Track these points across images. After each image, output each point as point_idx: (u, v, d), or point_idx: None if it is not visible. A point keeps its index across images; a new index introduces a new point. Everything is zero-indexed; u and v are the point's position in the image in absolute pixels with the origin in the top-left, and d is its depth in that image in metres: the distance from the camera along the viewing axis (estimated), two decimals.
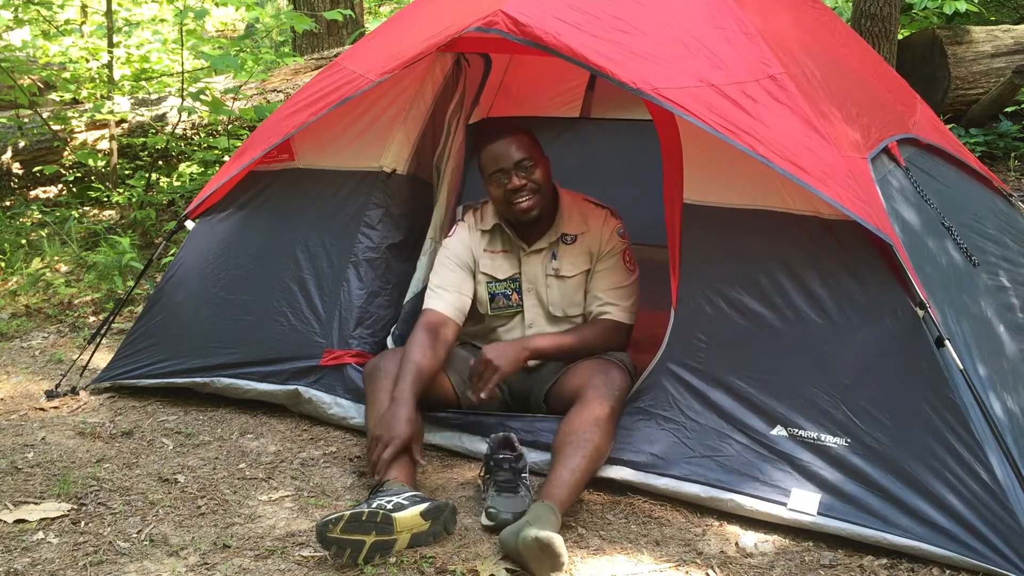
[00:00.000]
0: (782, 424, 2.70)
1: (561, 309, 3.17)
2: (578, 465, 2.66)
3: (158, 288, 3.73)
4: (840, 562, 2.54)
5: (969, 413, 2.50)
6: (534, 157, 3.07)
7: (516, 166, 3.03)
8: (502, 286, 3.20)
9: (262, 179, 3.59)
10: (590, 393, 2.81)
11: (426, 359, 2.97)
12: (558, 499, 2.59)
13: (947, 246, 3.01)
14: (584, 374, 2.92)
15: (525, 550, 2.40)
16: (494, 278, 3.20)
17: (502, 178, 3.05)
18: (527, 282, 3.18)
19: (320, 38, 7.81)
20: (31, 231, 5.75)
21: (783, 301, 2.74)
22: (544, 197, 3.10)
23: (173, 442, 3.27)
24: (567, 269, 3.16)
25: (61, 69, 6.10)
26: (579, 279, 3.17)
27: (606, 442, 2.76)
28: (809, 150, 2.65)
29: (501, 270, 3.20)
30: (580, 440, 2.70)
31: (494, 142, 3.08)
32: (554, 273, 3.16)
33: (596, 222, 3.19)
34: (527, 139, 3.10)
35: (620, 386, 2.87)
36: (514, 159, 3.03)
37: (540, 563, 2.40)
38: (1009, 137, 6.16)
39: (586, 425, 2.73)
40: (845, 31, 3.88)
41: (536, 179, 3.06)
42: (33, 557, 2.54)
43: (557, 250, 3.17)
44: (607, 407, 2.78)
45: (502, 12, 2.92)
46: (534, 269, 3.18)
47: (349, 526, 2.46)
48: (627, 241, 3.19)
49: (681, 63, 2.82)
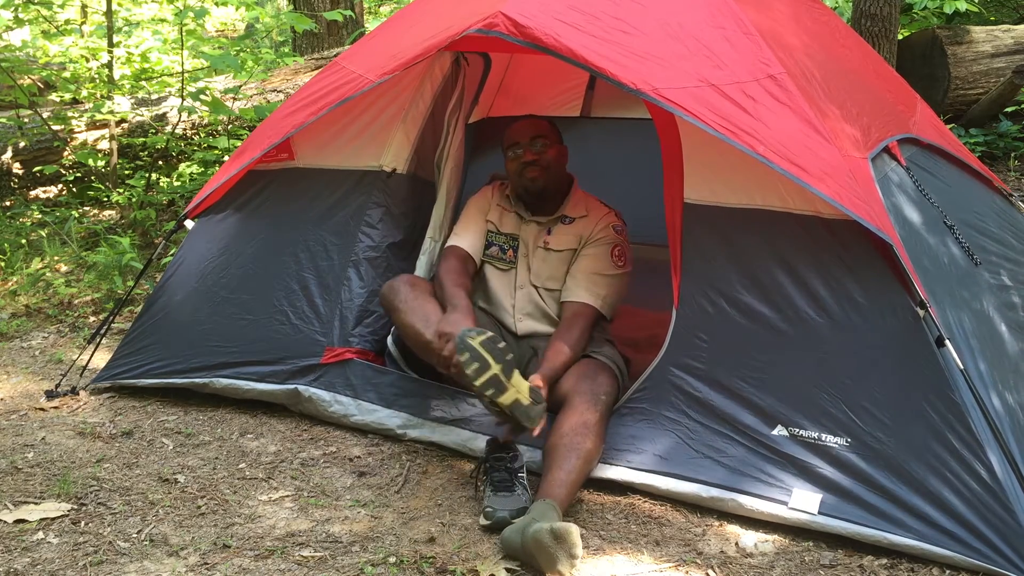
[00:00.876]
0: (783, 424, 2.70)
1: (541, 280, 3.30)
2: (573, 466, 2.69)
3: (157, 288, 3.73)
4: (840, 562, 2.54)
5: (969, 412, 2.50)
6: (549, 138, 3.32)
7: (532, 140, 3.28)
8: (501, 239, 3.38)
9: (262, 178, 3.59)
10: (577, 399, 2.84)
11: (462, 280, 3.19)
12: (558, 498, 2.61)
13: (948, 244, 3.01)
14: (571, 379, 2.95)
15: (535, 544, 2.39)
16: (497, 229, 3.39)
17: (518, 150, 3.29)
18: (523, 246, 3.35)
19: (320, 38, 7.81)
20: (31, 231, 5.75)
21: (784, 301, 2.75)
22: (551, 175, 3.31)
23: (173, 442, 3.27)
24: (556, 244, 3.31)
25: (61, 69, 6.10)
26: (565, 255, 3.29)
27: (597, 446, 2.79)
28: (809, 150, 2.65)
29: (505, 225, 3.39)
30: (572, 444, 2.73)
31: (517, 122, 3.37)
32: (543, 245, 3.31)
33: (596, 214, 3.34)
34: (546, 123, 3.39)
35: (607, 390, 2.90)
36: (531, 134, 3.30)
37: (551, 556, 2.38)
38: (1009, 137, 6.15)
39: (576, 429, 2.76)
40: (845, 31, 3.88)
41: (548, 157, 3.29)
42: (33, 557, 2.54)
43: (554, 227, 3.34)
44: (595, 413, 2.81)
45: (502, 14, 2.92)
46: (530, 237, 3.35)
47: (488, 344, 2.66)
48: (621, 238, 3.29)
49: (681, 63, 2.82)
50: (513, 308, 3.31)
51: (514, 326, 3.30)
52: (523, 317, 3.30)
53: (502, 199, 3.44)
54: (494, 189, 3.50)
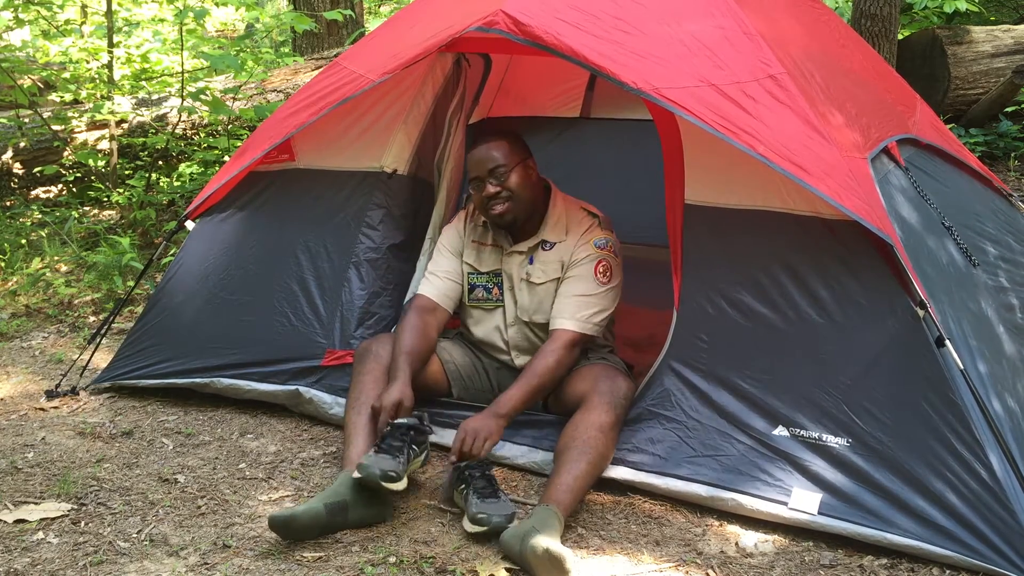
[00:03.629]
0: (783, 424, 2.70)
1: (528, 314, 3.17)
2: (582, 471, 2.68)
3: (158, 288, 3.73)
4: (840, 562, 2.54)
5: (969, 413, 2.50)
6: (509, 164, 3.04)
7: (490, 173, 3.04)
8: (483, 279, 3.22)
9: (262, 179, 3.58)
10: (596, 399, 2.81)
11: (418, 341, 3.04)
12: (562, 504, 2.60)
13: (947, 246, 3.01)
14: (589, 380, 2.92)
15: (533, 559, 2.40)
16: (476, 270, 3.23)
17: (479, 184, 3.08)
18: (507, 279, 3.20)
19: (320, 38, 7.81)
20: (31, 231, 5.75)
21: (784, 301, 2.75)
22: (520, 203, 3.07)
23: (173, 442, 3.27)
24: (537, 276, 3.14)
25: (61, 69, 6.10)
26: (548, 287, 3.13)
27: (609, 449, 2.78)
28: (809, 150, 2.65)
29: (485, 263, 3.22)
30: (584, 446, 2.71)
31: (474, 148, 3.12)
32: (526, 278, 3.16)
33: (576, 232, 3.14)
34: (505, 145, 3.07)
35: (625, 394, 2.88)
36: (487, 167, 3.04)
37: (547, 572, 2.40)
38: (1009, 137, 6.15)
39: (591, 431, 2.74)
40: (845, 31, 3.88)
41: (510, 186, 3.04)
42: (33, 557, 2.54)
43: (535, 255, 3.16)
44: (612, 415, 2.79)
45: (503, 12, 2.92)
46: (512, 269, 3.19)
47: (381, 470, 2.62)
48: (606, 251, 3.09)
49: (681, 63, 2.82)
50: (507, 345, 3.23)
51: (511, 362, 3.23)
52: (518, 353, 3.22)
53: (475, 233, 3.25)
54: (466, 219, 3.28)
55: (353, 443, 2.86)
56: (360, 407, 2.93)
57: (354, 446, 2.84)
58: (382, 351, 3.05)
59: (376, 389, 2.95)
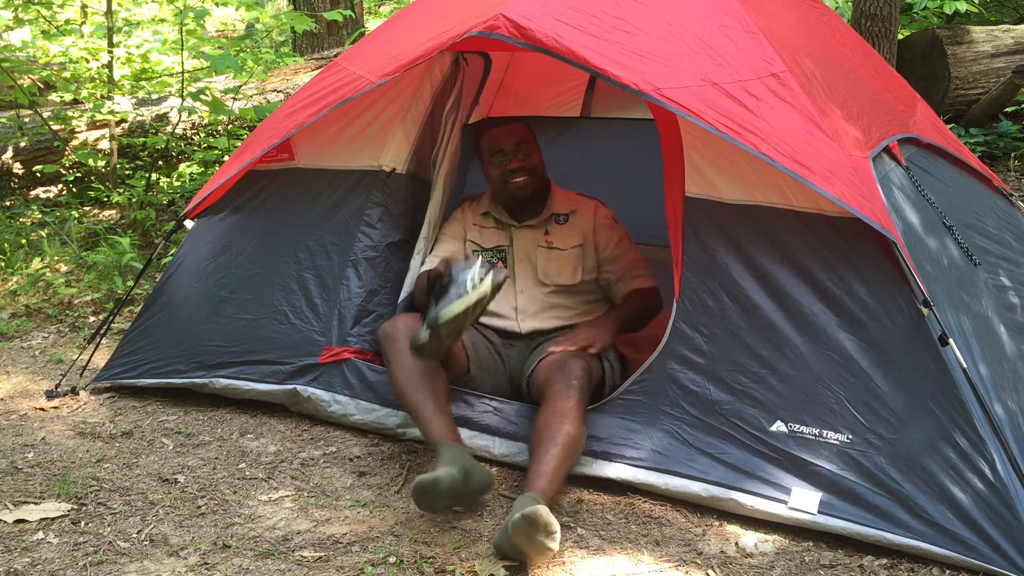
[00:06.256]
0: (783, 420, 2.70)
1: (550, 278, 3.36)
2: (553, 455, 2.71)
3: (157, 287, 3.72)
4: (840, 562, 2.54)
5: (973, 411, 2.50)
6: (531, 143, 3.37)
7: (516, 148, 3.33)
8: (488, 254, 3.41)
9: (262, 178, 3.58)
10: (550, 390, 2.89)
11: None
12: (540, 488, 2.62)
13: (948, 245, 3.00)
14: (544, 371, 3.03)
15: (515, 536, 2.41)
16: (480, 246, 3.43)
17: (502, 158, 3.33)
18: (519, 251, 3.39)
19: (320, 38, 7.81)
20: (31, 231, 5.75)
21: (786, 296, 2.74)
22: (537, 179, 3.37)
23: (173, 442, 3.27)
24: (560, 243, 3.37)
25: (61, 69, 6.09)
26: (573, 253, 3.36)
27: (577, 429, 2.79)
28: (812, 148, 2.64)
29: (488, 240, 3.44)
30: (551, 433, 2.75)
31: (496, 128, 3.39)
32: (547, 245, 3.37)
33: (586, 207, 3.44)
34: (525, 128, 3.42)
35: (578, 374, 2.92)
36: (514, 140, 3.34)
37: (531, 540, 2.40)
38: (1009, 137, 6.15)
39: (554, 418, 2.79)
40: (846, 31, 3.88)
41: (533, 162, 3.35)
42: (33, 557, 2.54)
43: (550, 227, 3.40)
44: (570, 399, 2.83)
45: (503, 16, 2.91)
46: (526, 241, 3.40)
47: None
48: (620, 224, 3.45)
49: (683, 62, 2.82)
50: (515, 311, 3.34)
51: (517, 327, 3.33)
52: (526, 318, 3.33)
53: (477, 217, 3.47)
54: (465, 210, 3.52)
55: (433, 420, 2.89)
56: (415, 384, 2.96)
57: (435, 423, 2.88)
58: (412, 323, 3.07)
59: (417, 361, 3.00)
